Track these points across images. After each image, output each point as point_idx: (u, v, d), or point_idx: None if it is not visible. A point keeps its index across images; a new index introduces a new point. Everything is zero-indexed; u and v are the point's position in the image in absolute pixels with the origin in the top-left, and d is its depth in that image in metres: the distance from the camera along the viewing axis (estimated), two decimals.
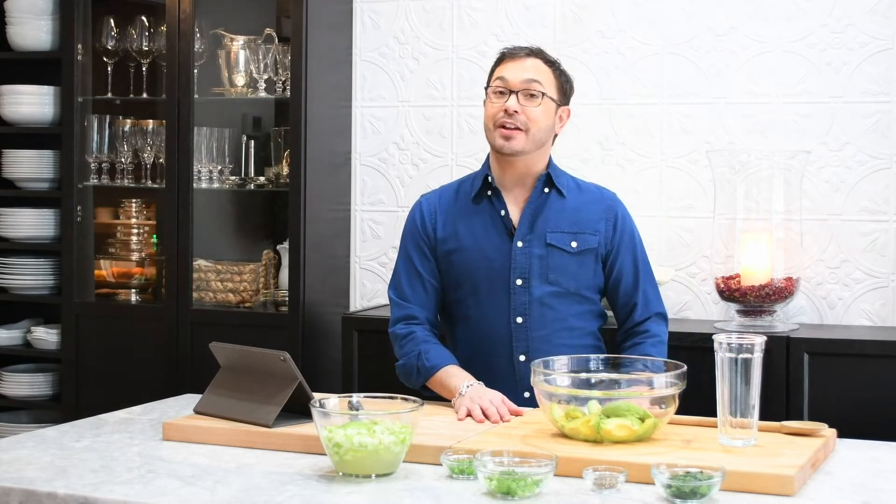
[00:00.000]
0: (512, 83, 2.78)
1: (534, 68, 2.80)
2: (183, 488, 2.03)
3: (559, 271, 2.81)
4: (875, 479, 2.13)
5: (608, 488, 1.99)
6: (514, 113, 2.75)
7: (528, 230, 2.82)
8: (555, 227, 2.82)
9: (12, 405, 4.39)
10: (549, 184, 2.84)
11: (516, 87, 2.77)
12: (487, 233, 2.84)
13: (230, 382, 2.51)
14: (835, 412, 3.04)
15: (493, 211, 2.85)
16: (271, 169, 4.16)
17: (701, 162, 3.75)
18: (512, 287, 2.80)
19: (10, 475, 2.10)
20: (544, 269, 2.81)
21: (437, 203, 2.93)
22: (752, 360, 2.22)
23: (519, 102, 2.76)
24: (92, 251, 4.33)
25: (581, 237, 2.83)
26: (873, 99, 3.63)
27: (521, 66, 2.80)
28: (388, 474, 2.09)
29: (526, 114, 2.76)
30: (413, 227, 2.93)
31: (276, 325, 3.96)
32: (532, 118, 2.77)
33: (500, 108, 2.77)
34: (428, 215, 2.91)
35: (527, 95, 2.77)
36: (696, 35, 3.80)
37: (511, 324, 2.81)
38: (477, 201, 2.87)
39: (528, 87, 2.77)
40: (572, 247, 2.82)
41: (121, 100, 4.31)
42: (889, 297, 3.64)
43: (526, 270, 2.80)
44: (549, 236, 2.81)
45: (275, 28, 4.13)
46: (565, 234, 2.82)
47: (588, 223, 2.85)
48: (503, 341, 2.81)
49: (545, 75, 2.80)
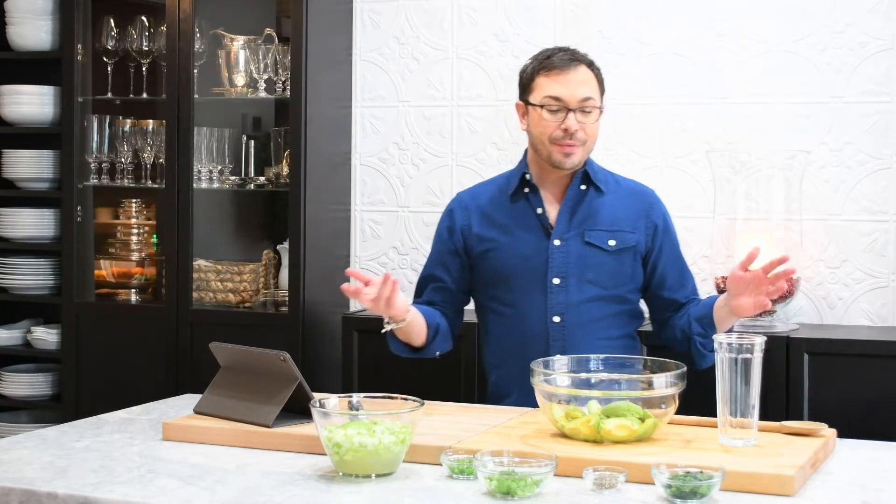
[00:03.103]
0: (569, 102, 2.74)
1: (585, 82, 2.76)
2: (183, 488, 2.03)
3: (598, 270, 2.79)
4: (875, 479, 2.13)
5: (608, 488, 1.99)
6: (574, 132, 2.74)
7: (566, 228, 2.80)
8: (593, 225, 2.81)
9: (12, 405, 4.39)
10: (586, 180, 2.83)
11: (573, 106, 2.74)
12: (524, 231, 2.83)
13: (230, 382, 2.51)
14: (835, 412, 3.04)
15: (530, 209, 2.84)
16: (271, 169, 4.16)
17: (701, 162, 3.75)
18: (549, 286, 2.79)
19: (10, 475, 2.10)
20: (582, 267, 2.79)
21: (472, 202, 2.91)
22: (752, 360, 2.22)
23: (576, 120, 2.74)
24: (92, 251, 4.33)
25: (619, 235, 2.81)
26: (873, 99, 3.63)
27: (573, 80, 2.75)
28: (388, 474, 2.09)
29: (584, 130, 2.75)
30: (444, 229, 2.94)
31: (276, 325, 3.96)
32: (589, 133, 2.77)
33: (558, 127, 2.74)
34: (461, 216, 2.90)
35: (583, 112, 2.75)
36: (696, 35, 3.80)
37: (548, 323, 2.80)
38: (514, 199, 2.85)
39: (583, 105, 2.74)
40: (610, 245, 2.80)
41: (121, 100, 4.31)
42: (889, 297, 3.64)
43: (564, 269, 2.79)
44: (588, 234, 2.80)
45: (275, 28, 4.13)
46: (603, 231, 2.81)
47: (626, 221, 2.83)
48: (539, 340, 2.79)
49: (593, 85, 2.78)
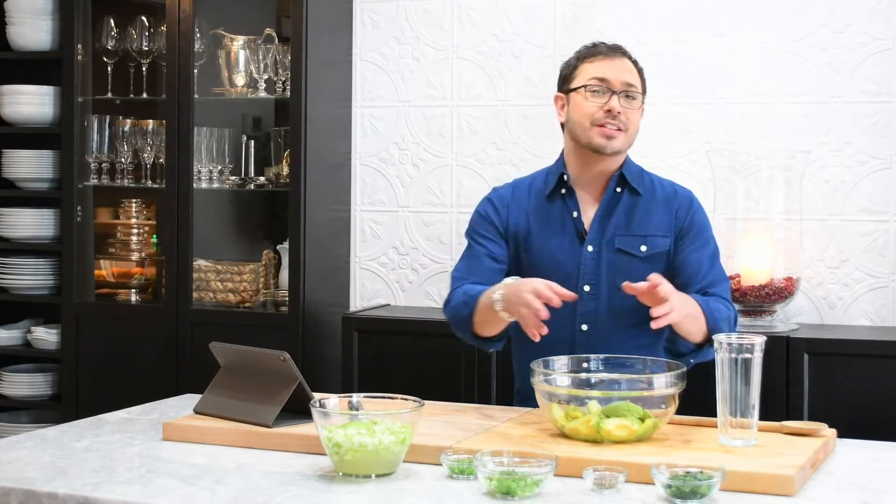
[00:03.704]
0: (613, 83, 2.70)
1: (629, 69, 2.74)
2: (183, 488, 2.03)
3: (629, 277, 2.65)
4: (875, 479, 2.13)
5: (608, 488, 1.99)
6: (617, 114, 2.70)
7: (599, 234, 2.74)
8: (624, 231, 2.74)
9: (12, 405, 4.39)
10: (622, 182, 2.77)
11: (617, 88, 2.71)
12: (558, 235, 2.76)
13: (230, 382, 2.51)
14: (835, 412, 3.04)
15: (566, 212, 2.77)
16: (271, 169, 4.16)
17: (701, 162, 3.75)
18: (580, 293, 2.70)
19: (10, 475, 2.10)
20: (613, 274, 2.71)
21: (510, 196, 2.83)
22: (752, 360, 2.22)
23: (620, 103, 2.70)
24: (92, 251, 4.33)
25: (651, 240, 2.74)
26: (873, 99, 3.63)
27: (618, 66, 2.73)
28: (388, 474, 2.09)
29: (626, 115, 2.71)
30: (481, 217, 2.83)
31: (276, 325, 3.96)
32: (632, 119, 2.72)
33: (601, 108, 2.70)
34: (500, 206, 2.82)
35: (626, 97, 2.71)
36: (696, 35, 3.80)
37: (576, 331, 2.73)
38: (550, 199, 2.79)
39: (627, 89, 2.71)
40: (641, 251, 2.73)
41: (121, 100, 4.32)
42: (889, 297, 3.64)
43: (595, 277, 2.72)
44: (619, 240, 2.73)
45: (275, 28, 4.13)
46: (636, 237, 2.73)
47: (660, 225, 2.75)
48: (565, 347, 2.69)
49: (636, 77, 2.75)
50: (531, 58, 3.98)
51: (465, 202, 4.04)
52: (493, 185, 3.97)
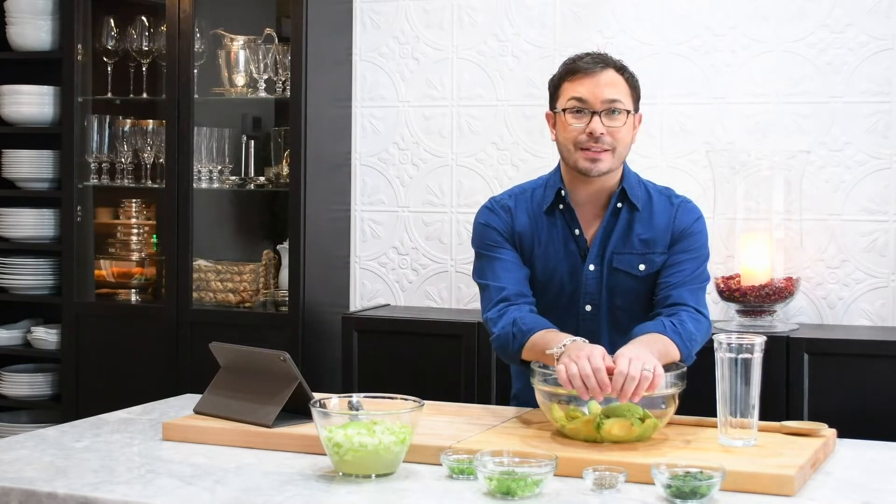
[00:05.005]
0: (593, 104, 2.59)
1: (611, 83, 2.62)
2: (183, 488, 2.03)
3: (627, 297, 2.64)
4: (875, 479, 2.13)
5: (608, 488, 1.99)
6: (600, 136, 2.59)
7: (600, 252, 2.67)
8: (622, 248, 2.66)
9: (12, 405, 4.39)
10: (622, 198, 2.68)
11: (598, 108, 2.58)
12: (559, 252, 2.68)
13: (230, 382, 2.51)
14: (835, 412, 3.04)
15: (567, 229, 2.69)
16: (271, 169, 4.16)
17: (701, 162, 3.75)
18: (581, 313, 2.67)
19: (10, 475, 2.10)
20: (611, 294, 2.66)
21: (512, 203, 2.73)
22: (752, 360, 2.22)
23: (602, 123, 2.58)
24: (92, 251, 4.33)
25: (649, 258, 2.66)
26: (873, 99, 3.63)
27: (598, 82, 2.60)
28: (388, 474, 2.09)
29: (611, 134, 2.59)
30: (486, 227, 2.72)
31: (276, 325, 3.96)
32: (617, 137, 2.60)
33: (582, 131, 2.59)
34: (502, 211, 2.72)
35: (609, 114, 2.60)
36: (696, 35, 3.80)
37: None
38: (549, 214, 2.70)
39: (610, 105, 2.60)
40: (640, 270, 2.66)
41: (121, 100, 4.32)
42: (889, 297, 3.64)
43: (596, 296, 2.67)
44: (617, 259, 2.65)
45: (275, 28, 4.13)
46: (634, 255, 2.66)
47: (657, 242, 2.67)
48: None
49: (622, 89, 2.63)
50: (531, 58, 3.98)
51: (465, 202, 4.04)
52: (493, 185, 3.99)
